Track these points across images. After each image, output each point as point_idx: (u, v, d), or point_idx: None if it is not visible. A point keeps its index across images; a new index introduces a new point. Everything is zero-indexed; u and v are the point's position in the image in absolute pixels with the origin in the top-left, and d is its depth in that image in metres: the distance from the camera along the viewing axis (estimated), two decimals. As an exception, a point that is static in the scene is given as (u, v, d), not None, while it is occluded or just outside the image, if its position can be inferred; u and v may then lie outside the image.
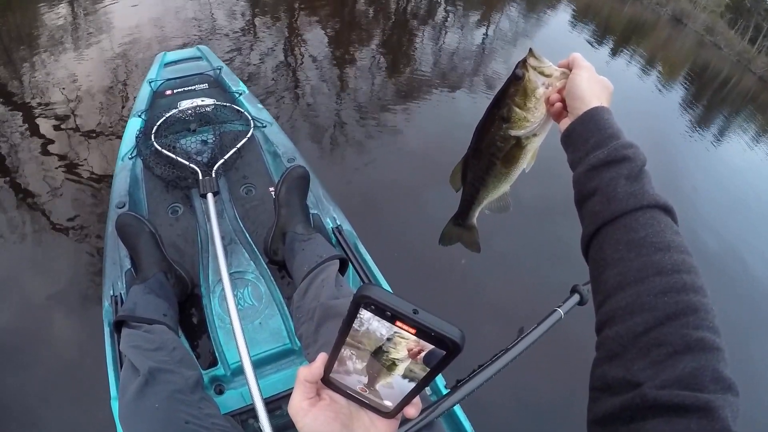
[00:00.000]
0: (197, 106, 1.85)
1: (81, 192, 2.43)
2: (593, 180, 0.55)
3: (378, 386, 0.41)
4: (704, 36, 9.75)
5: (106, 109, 3.07)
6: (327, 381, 0.44)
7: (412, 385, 0.39)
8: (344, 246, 1.46)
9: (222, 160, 1.59)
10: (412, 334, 0.35)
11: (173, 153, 1.62)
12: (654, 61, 6.31)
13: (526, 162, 0.69)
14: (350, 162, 2.76)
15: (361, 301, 0.35)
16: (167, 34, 4.01)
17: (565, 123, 0.63)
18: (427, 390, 1.21)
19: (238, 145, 1.67)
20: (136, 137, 1.75)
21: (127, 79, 3.39)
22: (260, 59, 3.79)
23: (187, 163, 1.57)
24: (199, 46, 2.44)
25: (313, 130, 3.01)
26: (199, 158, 1.64)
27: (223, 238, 1.36)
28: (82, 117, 2.99)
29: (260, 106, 2.00)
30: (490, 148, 0.69)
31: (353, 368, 0.41)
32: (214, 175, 1.50)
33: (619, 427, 0.42)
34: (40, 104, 3.11)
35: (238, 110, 1.87)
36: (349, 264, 1.38)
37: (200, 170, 1.52)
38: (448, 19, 5.79)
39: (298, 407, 0.43)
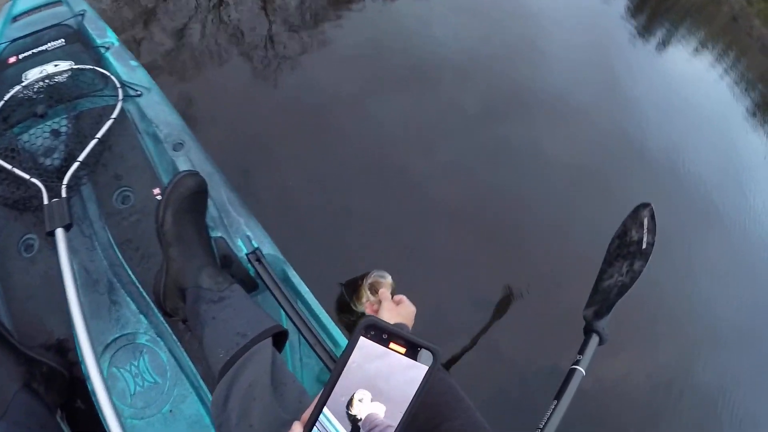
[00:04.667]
0: (48, 74, 1.36)
1: None
2: None
3: None
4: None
5: None
6: None
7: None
8: (266, 279, 1.07)
9: (77, 163, 1.12)
10: (401, 354, 0.42)
11: (11, 160, 1.12)
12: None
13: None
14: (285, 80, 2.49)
15: (367, 331, 0.42)
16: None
17: None
18: None
19: (102, 131, 1.21)
20: None
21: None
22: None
23: (26, 176, 1.08)
24: None
25: (241, 51, 2.59)
26: (48, 162, 1.16)
27: (96, 283, 1.02)
28: None
29: (134, 62, 1.48)
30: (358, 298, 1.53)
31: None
32: (65, 192, 1.04)
33: None
34: None
35: (104, 73, 1.37)
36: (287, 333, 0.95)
37: (45, 186, 1.04)
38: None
39: None
